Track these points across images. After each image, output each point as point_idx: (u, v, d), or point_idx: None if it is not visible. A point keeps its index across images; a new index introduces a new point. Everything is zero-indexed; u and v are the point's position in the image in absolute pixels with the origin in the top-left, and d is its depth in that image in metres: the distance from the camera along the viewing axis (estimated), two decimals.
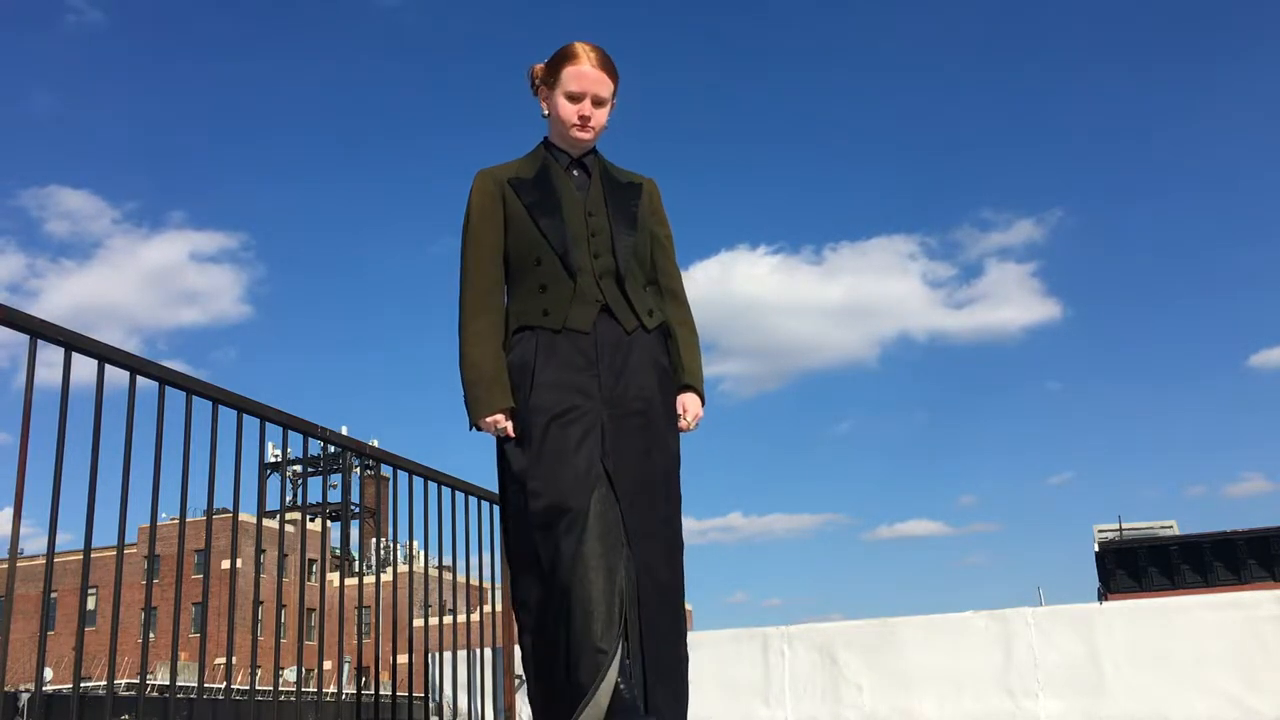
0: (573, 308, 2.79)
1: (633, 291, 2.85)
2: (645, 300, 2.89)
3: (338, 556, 51.40)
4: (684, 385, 2.93)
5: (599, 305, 2.80)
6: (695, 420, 2.94)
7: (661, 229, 3.04)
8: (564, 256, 2.79)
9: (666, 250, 3.05)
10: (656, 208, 3.05)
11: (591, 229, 2.85)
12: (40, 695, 3.24)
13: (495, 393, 2.76)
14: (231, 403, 3.67)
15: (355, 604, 6.77)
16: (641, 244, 2.93)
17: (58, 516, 2.98)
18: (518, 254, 2.85)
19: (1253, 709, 5.58)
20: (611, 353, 2.79)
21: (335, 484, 60.25)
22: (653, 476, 2.76)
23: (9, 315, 2.90)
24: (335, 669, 4.43)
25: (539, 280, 2.81)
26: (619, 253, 2.84)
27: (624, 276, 2.84)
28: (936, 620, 6.52)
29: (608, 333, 2.80)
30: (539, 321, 2.79)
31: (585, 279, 2.80)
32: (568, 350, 2.76)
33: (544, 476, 2.65)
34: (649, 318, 2.87)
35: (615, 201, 2.91)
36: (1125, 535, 33.32)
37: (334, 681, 12.43)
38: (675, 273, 3.05)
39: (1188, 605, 6.06)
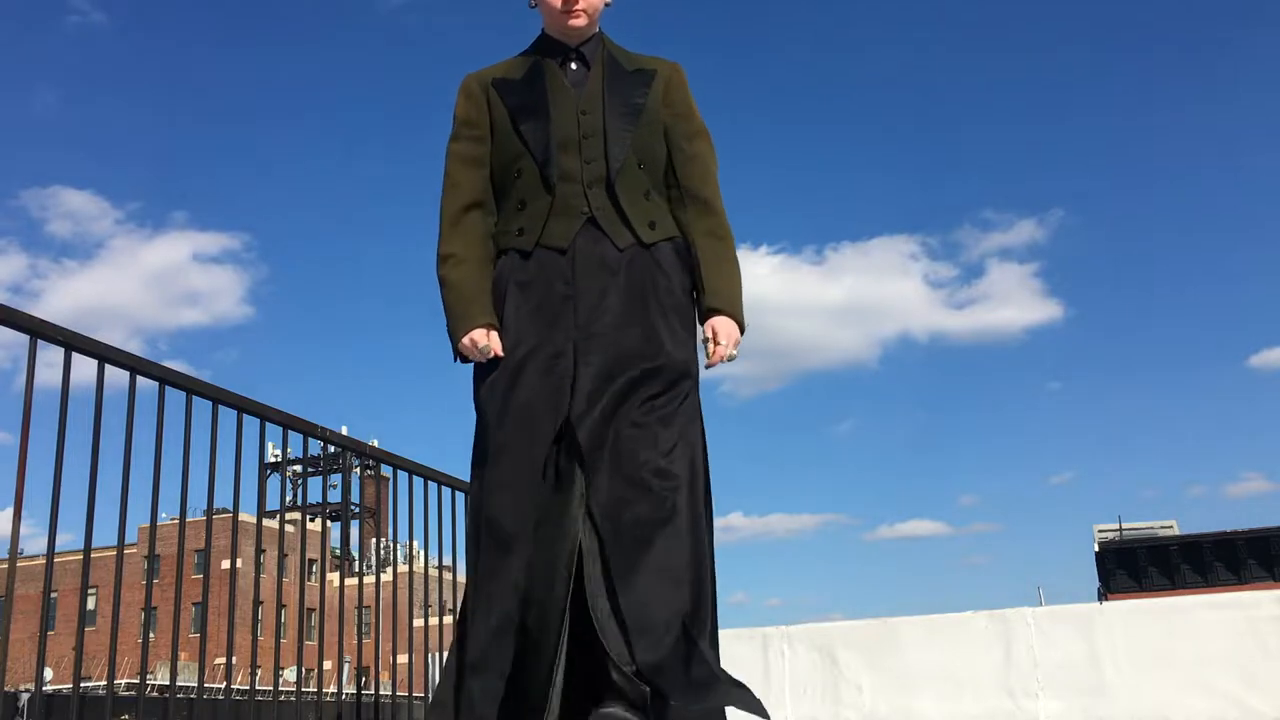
0: (550, 221, 2.36)
1: (627, 199, 2.39)
2: (645, 210, 2.41)
3: (338, 556, 51.41)
4: (709, 309, 2.43)
5: (584, 218, 2.36)
6: (731, 347, 2.42)
7: (685, 123, 2.53)
8: (544, 165, 2.37)
9: (692, 149, 2.52)
10: (675, 98, 2.53)
11: (584, 130, 2.40)
12: (40, 695, 3.24)
13: (475, 308, 2.36)
14: (231, 403, 3.67)
15: (355, 604, 6.76)
16: (645, 141, 2.44)
17: (58, 516, 2.98)
18: (500, 167, 2.46)
19: (1253, 709, 5.58)
20: (595, 274, 2.34)
21: (335, 484, 60.27)
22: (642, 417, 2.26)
23: (9, 315, 2.90)
24: (335, 669, 4.43)
25: (519, 195, 2.41)
26: (610, 152, 2.38)
27: (614, 181, 2.37)
28: (936, 620, 6.52)
29: (591, 251, 2.35)
30: (513, 243, 2.39)
31: (569, 188, 2.37)
32: (541, 274, 2.34)
33: (494, 454, 2.28)
34: (649, 231, 2.39)
35: (615, 93, 2.44)
36: (1125, 535, 33.32)
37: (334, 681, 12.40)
38: (703, 176, 2.51)
39: (1188, 605, 6.06)
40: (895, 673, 6.34)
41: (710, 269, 2.44)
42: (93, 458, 3.07)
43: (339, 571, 7.89)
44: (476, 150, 2.47)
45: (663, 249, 2.40)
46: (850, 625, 6.77)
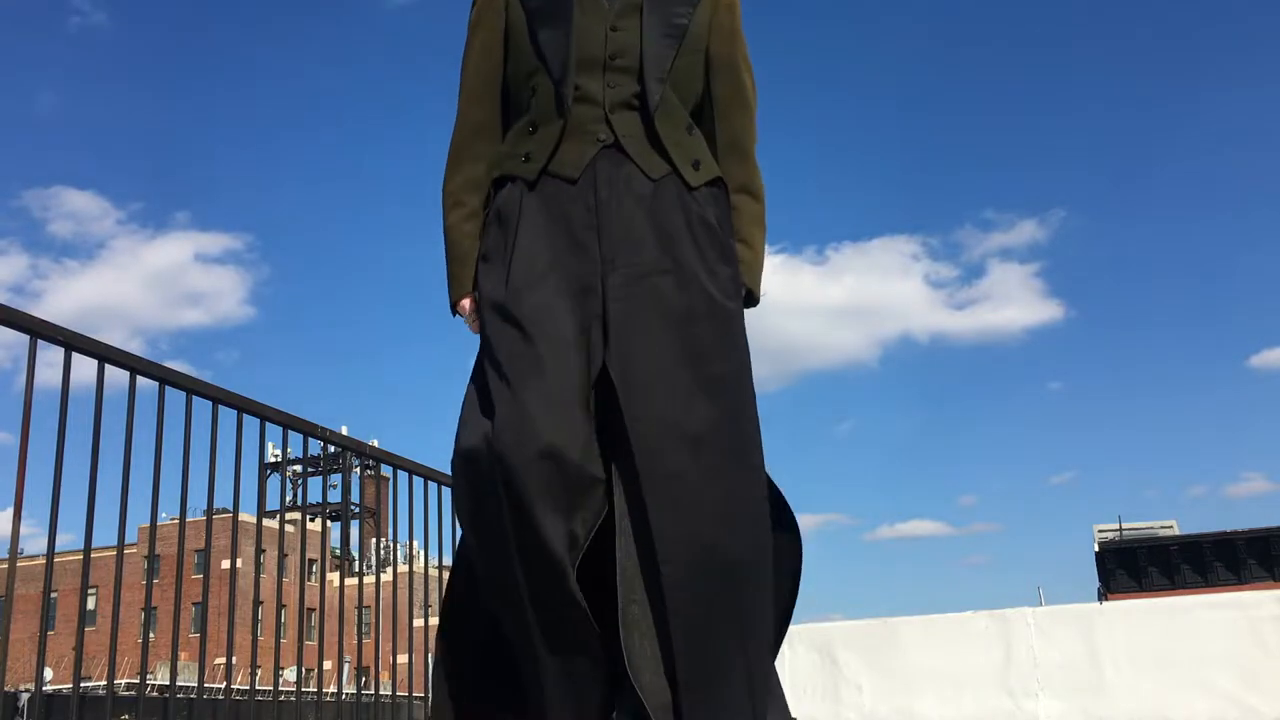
0: (561, 147, 2.01)
1: (668, 132, 2.03)
2: (689, 146, 2.06)
3: (338, 556, 51.41)
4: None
5: (599, 145, 2.00)
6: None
7: (731, 52, 2.15)
8: (559, 84, 2.02)
9: (737, 84, 2.16)
10: (724, 21, 2.15)
11: (613, 49, 2.03)
12: (40, 695, 3.24)
13: (464, 271, 2.09)
14: (231, 403, 3.67)
15: (355, 604, 6.75)
16: (686, 69, 2.08)
17: (58, 516, 2.98)
18: (515, 84, 2.12)
19: (1253, 709, 5.58)
20: (622, 202, 1.98)
21: (335, 484, 60.29)
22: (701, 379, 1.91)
23: (9, 315, 2.90)
24: (335, 669, 4.43)
25: (531, 118, 2.06)
26: (648, 76, 2.02)
27: (654, 110, 2.01)
28: (936, 620, 6.52)
29: (615, 175, 1.99)
30: (517, 169, 2.04)
31: (587, 111, 2.02)
32: (556, 201, 2.00)
33: (490, 414, 1.88)
34: (693, 171, 2.04)
35: (654, 8, 2.06)
36: (1125, 535, 33.32)
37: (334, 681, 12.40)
38: (745, 119, 2.17)
39: (1188, 605, 6.06)
40: (895, 673, 6.34)
41: (738, 230, 2.11)
42: (93, 458, 3.07)
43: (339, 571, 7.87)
44: (489, 63, 2.14)
45: (704, 193, 2.04)
46: (850, 625, 6.78)
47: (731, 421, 1.92)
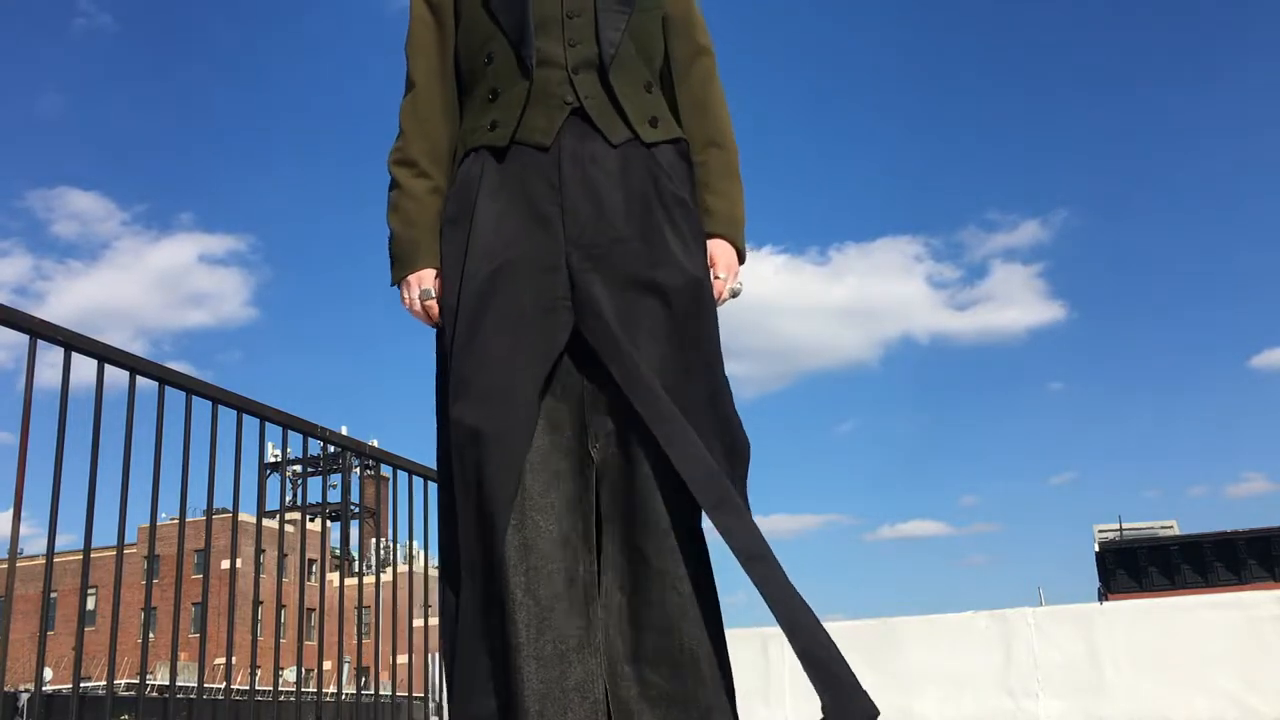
0: (528, 112, 1.95)
1: (624, 90, 1.98)
2: (645, 104, 2.01)
3: (338, 556, 51.41)
4: (706, 234, 2.01)
5: (568, 109, 1.95)
6: (734, 279, 2.02)
7: (690, 11, 2.13)
8: (520, 45, 1.97)
9: (697, 51, 2.11)
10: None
11: (569, 7, 1.99)
12: (40, 695, 3.24)
13: (420, 245, 1.97)
14: (231, 403, 3.67)
15: (355, 604, 6.75)
16: (644, 26, 2.04)
17: (58, 516, 2.98)
18: (468, 53, 2.05)
19: (1253, 709, 5.58)
20: (586, 175, 1.94)
21: (335, 484, 60.30)
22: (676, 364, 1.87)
23: (9, 315, 2.90)
24: (335, 669, 4.44)
25: (490, 85, 2.00)
26: (602, 34, 1.98)
27: (610, 68, 1.97)
28: (936, 620, 6.52)
29: (579, 149, 1.94)
30: (484, 139, 1.97)
31: (551, 73, 1.97)
32: (520, 175, 1.93)
33: (464, 396, 1.84)
34: (649, 129, 1.99)
35: None
36: (1126, 535, 33.32)
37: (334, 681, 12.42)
38: (705, 75, 2.10)
39: (1188, 605, 6.06)
40: (895, 673, 6.34)
41: (718, 183, 2.04)
42: (93, 458, 3.07)
43: (339, 571, 7.88)
44: (437, 39, 2.08)
45: (664, 151, 1.99)
46: (850, 625, 6.77)
47: (710, 406, 1.87)
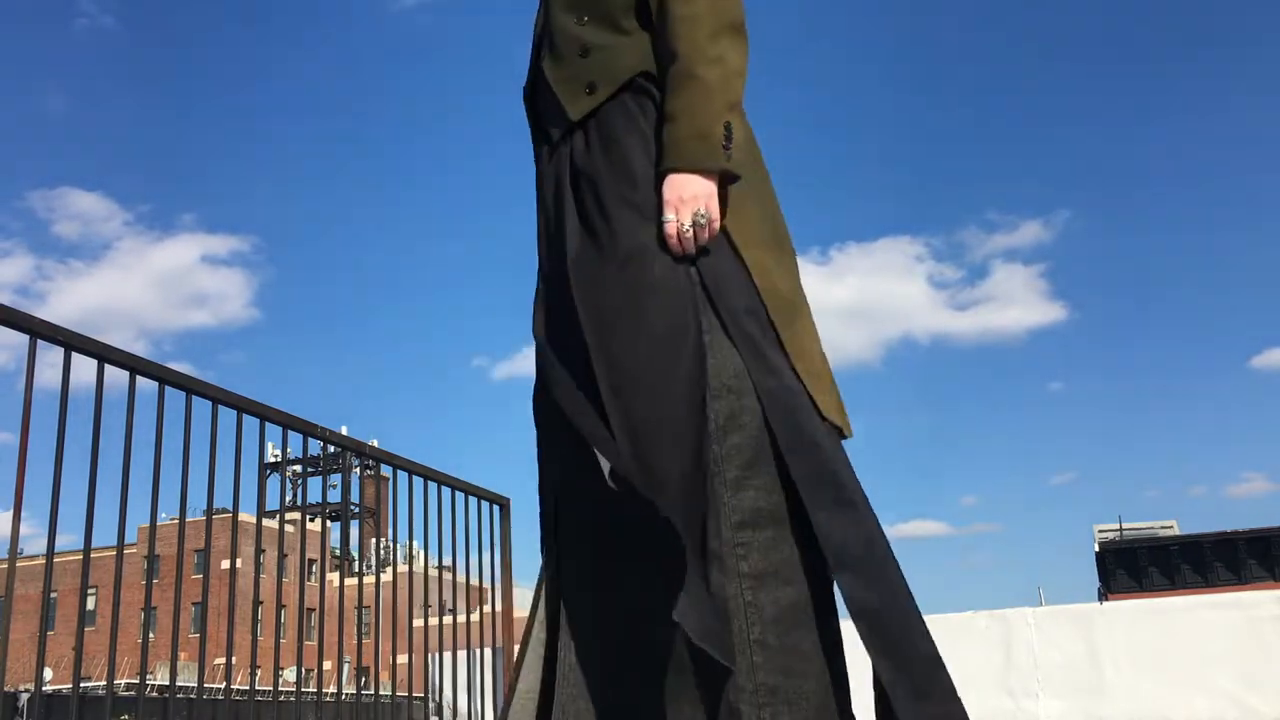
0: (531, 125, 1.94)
1: (556, 72, 1.82)
2: (579, 73, 1.79)
3: (338, 556, 51.40)
4: (658, 176, 1.70)
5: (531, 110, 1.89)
6: (687, 213, 1.66)
7: None
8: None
9: None
10: None
11: None
12: (40, 695, 3.24)
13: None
14: (231, 403, 3.66)
15: (355, 604, 6.76)
16: None
17: (58, 516, 2.98)
18: None
19: (1253, 709, 5.58)
20: (541, 194, 1.85)
21: (335, 484, 60.31)
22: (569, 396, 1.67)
23: (8, 315, 2.90)
24: (335, 669, 4.44)
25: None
26: (541, 10, 1.88)
27: (544, 54, 1.85)
28: (936, 620, 6.52)
29: (547, 164, 1.84)
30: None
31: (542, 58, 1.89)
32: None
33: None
34: (586, 99, 1.77)
35: None
36: (1125, 535, 33.31)
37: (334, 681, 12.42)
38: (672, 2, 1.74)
39: (1188, 605, 6.06)
40: None
41: (671, 103, 1.70)
42: (93, 458, 3.07)
43: (339, 571, 7.88)
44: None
45: (602, 113, 1.76)
46: (850, 625, 6.78)
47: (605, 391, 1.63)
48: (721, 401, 1.64)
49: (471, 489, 5.21)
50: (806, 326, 1.78)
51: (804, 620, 1.63)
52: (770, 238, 1.78)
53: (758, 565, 1.62)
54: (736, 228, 1.72)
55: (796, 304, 1.77)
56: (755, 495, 1.63)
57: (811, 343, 1.77)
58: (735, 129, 1.69)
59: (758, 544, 1.63)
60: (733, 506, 1.63)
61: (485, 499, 5.30)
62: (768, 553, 1.63)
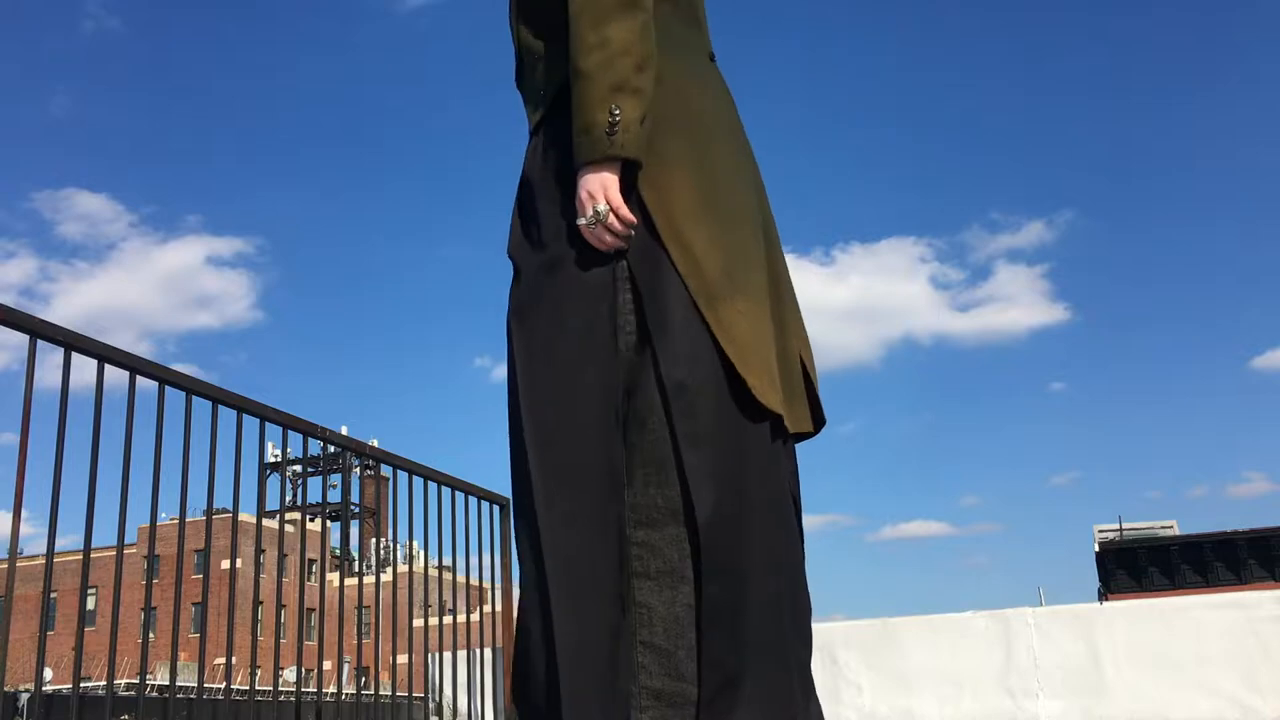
0: None
1: (519, 79, 1.88)
2: (536, 84, 1.82)
3: (338, 556, 51.38)
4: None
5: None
6: (587, 209, 1.64)
7: None
8: None
9: None
10: None
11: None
12: (40, 695, 3.24)
13: None
14: (231, 403, 3.66)
15: (355, 604, 6.78)
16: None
17: (58, 516, 2.98)
18: None
19: (1253, 709, 5.58)
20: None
21: (335, 484, 60.30)
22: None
23: (9, 315, 2.90)
24: (335, 669, 4.44)
25: None
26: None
27: (518, 69, 1.89)
28: (936, 620, 6.52)
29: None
30: None
31: None
32: None
33: None
34: (535, 112, 1.82)
35: None
36: (1126, 535, 33.30)
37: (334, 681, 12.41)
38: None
39: (1188, 605, 6.05)
40: (895, 673, 6.33)
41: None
42: (93, 458, 3.07)
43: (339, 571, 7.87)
44: None
45: (555, 120, 1.76)
46: (850, 625, 6.77)
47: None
48: (633, 400, 1.64)
49: (471, 489, 5.21)
50: (746, 305, 1.67)
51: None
52: (703, 209, 1.68)
53: (652, 565, 1.60)
54: (660, 205, 1.66)
55: (731, 280, 1.66)
56: (655, 493, 1.61)
57: (752, 322, 1.66)
58: (627, 109, 1.63)
59: (654, 543, 1.60)
60: (633, 505, 1.61)
61: (485, 499, 5.30)
62: (665, 552, 1.60)
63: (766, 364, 1.66)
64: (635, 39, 1.65)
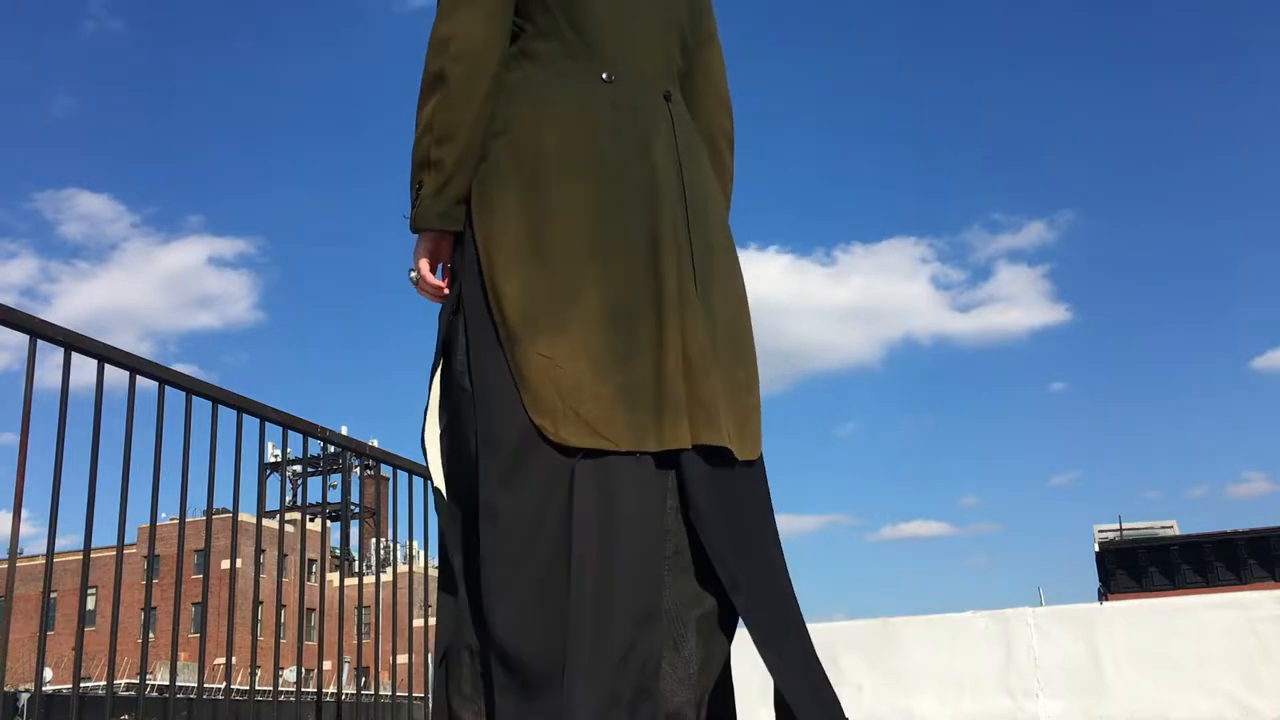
0: None
1: None
2: None
3: (338, 556, 51.37)
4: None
5: None
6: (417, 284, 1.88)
7: None
8: None
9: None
10: None
11: None
12: (40, 695, 3.24)
13: None
14: (231, 403, 3.66)
15: (355, 604, 6.77)
16: None
17: (58, 516, 2.98)
18: None
19: (1253, 709, 5.58)
20: None
21: (335, 484, 60.27)
22: None
23: (9, 315, 2.90)
24: (335, 669, 4.44)
25: None
26: None
27: None
28: (936, 620, 6.52)
29: None
30: None
31: None
32: None
33: None
34: None
35: None
36: (1126, 535, 33.30)
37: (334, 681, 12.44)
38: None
39: (1188, 605, 6.06)
40: (895, 673, 6.34)
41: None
42: (93, 458, 3.07)
43: (339, 571, 7.88)
44: None
45: None
46: (850, 625, 6.78)
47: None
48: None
49: None
50: (549, 345, 1.71)
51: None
52: (524, 253, 1.75)
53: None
54: (486, 256, 1.76)
55: (532, 323, 1.71)
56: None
57: (553, 361, 1.70)
58: (426, 184, 1.80)
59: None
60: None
61: None
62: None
63: (569, 398, 1.69)
64: (435, 115, 1.79)
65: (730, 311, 1.87)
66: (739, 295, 1.93)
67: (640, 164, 1.80)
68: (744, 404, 1.85)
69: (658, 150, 1.82)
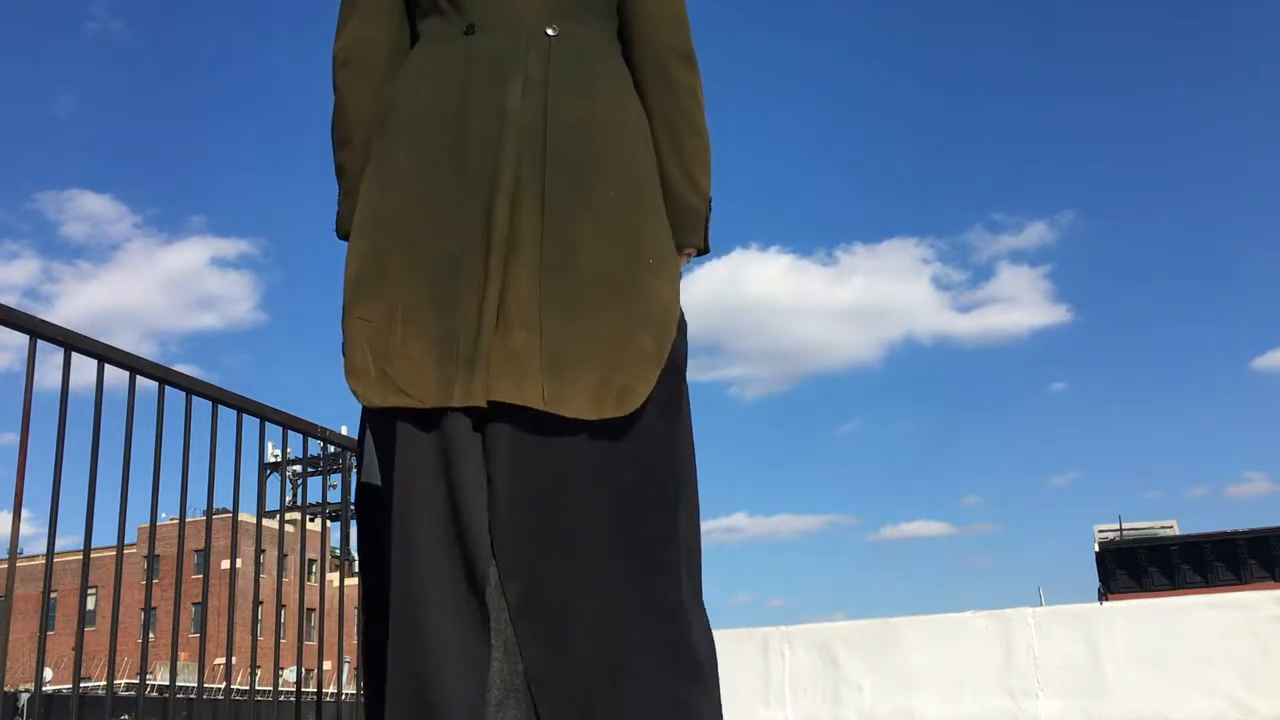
0: None
1: None
2: None
3: (338, 556, 51.37)
4: None
5: None
6: None
7: None
8: None
9: None
10: None
11: None
12: (40, 695, 3.24)
13: None
14: (231, 403, 3.66)
15: (355, 604, 6.77)
16: None
17: (58, 516, 2.98)
18: None
19: (1253, 709, 5.58)
20: None
21: (335, 484, 60.30)
22: None
23: (9, 315, 2.90)
24: (335, 669, 4.44)
25: None
26: None
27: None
28: (936, 620, 6.52)
29: None
30: None
31: None
32: None
33: None
34: None
35: None
36: (1126, 535, 33.32)
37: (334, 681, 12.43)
38: None
39: (1188, 605, 6.06)
40: (895, 673, 6.34)
41: None
42: (93, 458, 3.07)
43: (339, 571, 7.88)
44: None
45: None
46: (850, 625, 6.78)
47: None
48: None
49: None
50: (368, 309, 1.71)
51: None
52: (364, 225, 1.77)
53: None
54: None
55: (357, 289, 1.73)
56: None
57: (369, 323, 1.70)
58: (339, 189, 1.89)
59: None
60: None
61: None
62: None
63: (379, 358, 1.66)
64: (333, 123, 1.87)
65: (607, 253, 1.67)
66: (628, 234, 1.70)
67: (486, 110, 1.70)
68: (616, 355, 1.62)
69: (512, 93, 1.70)
